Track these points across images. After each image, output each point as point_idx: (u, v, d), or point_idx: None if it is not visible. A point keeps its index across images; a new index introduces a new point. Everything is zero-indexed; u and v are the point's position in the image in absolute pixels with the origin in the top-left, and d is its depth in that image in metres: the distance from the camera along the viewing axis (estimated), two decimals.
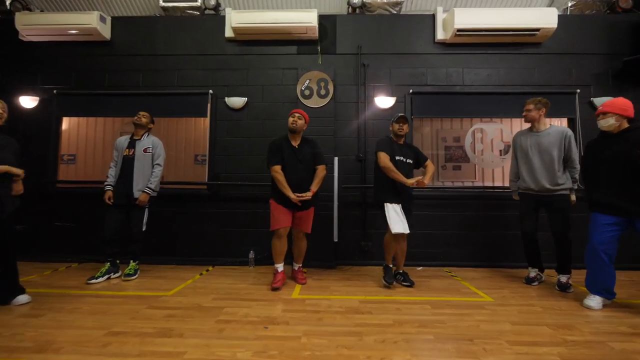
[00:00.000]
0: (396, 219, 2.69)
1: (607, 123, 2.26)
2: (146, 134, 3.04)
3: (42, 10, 4.26)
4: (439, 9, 3.74)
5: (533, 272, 2.91)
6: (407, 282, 2.82)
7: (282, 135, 2.88)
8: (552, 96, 3.68)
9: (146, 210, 3.01)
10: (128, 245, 2.99)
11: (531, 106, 2.82)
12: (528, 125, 2.90)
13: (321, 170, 2.84)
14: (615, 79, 3.68)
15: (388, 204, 2.74)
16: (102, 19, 3.71)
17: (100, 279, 2.82)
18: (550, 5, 4.10)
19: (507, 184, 3.97)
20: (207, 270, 3.30)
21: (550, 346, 1.71)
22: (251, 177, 3.66)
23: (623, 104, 2.25)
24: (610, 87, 3.67)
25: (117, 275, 2.96)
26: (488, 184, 4.35)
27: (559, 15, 3.55)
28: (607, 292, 2.28)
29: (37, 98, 3.78)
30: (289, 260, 2.93)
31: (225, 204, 3.67)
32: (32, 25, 3.64)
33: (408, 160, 2.86)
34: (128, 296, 2.47)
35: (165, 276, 3.04)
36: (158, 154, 3.01)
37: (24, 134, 3.68)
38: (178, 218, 3.65)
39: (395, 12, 3.90)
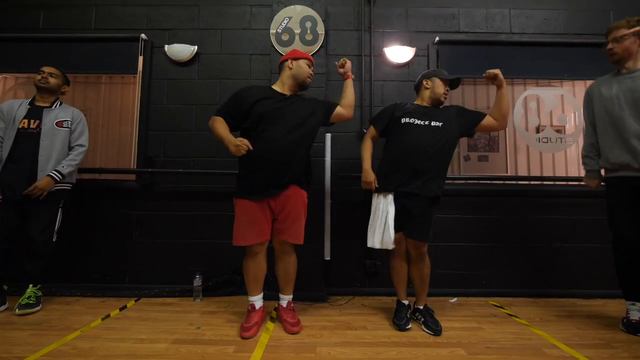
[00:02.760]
0: (374, 224, 1.79)
1: None
2: (58, 102, 2.12)
3: None
4: None
5: (637, 312, 1.78)
6: (429, 328, 1.74)
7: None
8: None
9: (59, 211, 2.04)
10: (25, 261, 1.96)
11: (624, 30, 1.73)
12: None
13: (348, 106, 1.88)
14: None
15: (376, 194, 1.84)
16: None
17: None
18: None
19: (574, 173, 2.87)
20: (122, 308, 2.06)
21: None
22: (202, 163, 2.46)
23: None
24: None
25: (3, 307, 1.96)
26: (523, 174, 3.21)
27: None
28: None
29: None
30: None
31: (161, 203, 2.45)
32: None
33: (433, 123, 1.78)
34: None
35: (44, 321, 1.81)
36: (81, 132, 2.12)
37: None
38: (88, 223, 2.41)
39: None
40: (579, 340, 1.67)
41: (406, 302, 1.87)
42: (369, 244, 1.81)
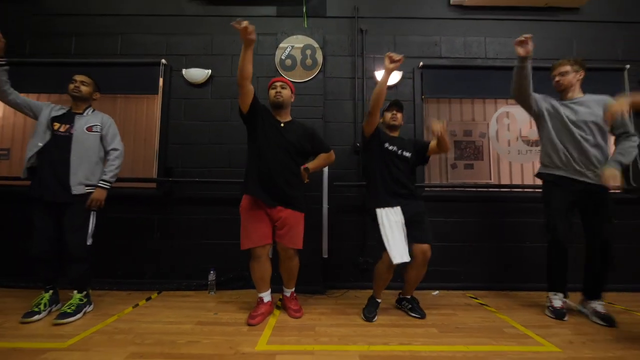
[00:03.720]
0: (395, 239, 1.92)
1: None
2: (90, 109, 2.21)
3: None
4: None
5: (558, 300, 2.11)
6: (416, 312, 2.08)
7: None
8: (593, 73, 2.94)
9: (92, 215, 2.10)
10: (66, 267, 2.04)
11: (567, 67, 2.10)
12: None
13: (329, 155, 2.20)
14: None
15: (380, 210, 2.02)
16: None
17: (44, 314, 1.97)
18: None
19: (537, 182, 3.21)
20: (148, 299, 2.39)
21: None
22: (215, 173, 2.79)
23: None
24: None
25: (57, 307, 2.09)
26: (505, 182, 3.56)
27: None
28: None
29: None
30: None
31: (179, 208, 2.79)
32: None
33: (405, 154, 2.13)
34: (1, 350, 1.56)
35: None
36: (113, 135, 2.18)
37: None
38: (113, 226, 2.74)
39: None
40: (535, 322, 2.00)
41: (379, 301, 2.13)
42: (399, 260, 1.86)
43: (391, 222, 1.96)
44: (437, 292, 2.64)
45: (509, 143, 3.08)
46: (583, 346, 1.69)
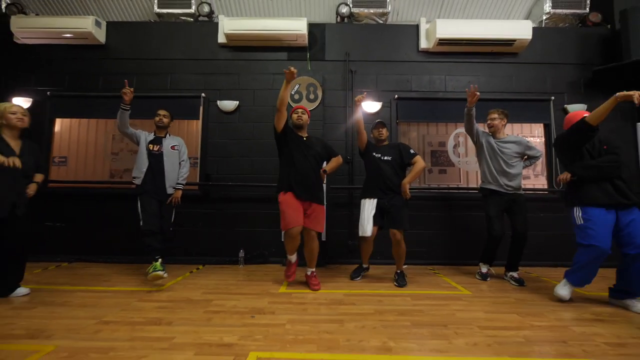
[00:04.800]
0: (363, 220, 2.78)
1: None
2: (168, 134, 3.05)
3: (37, 14, 4.33)
4: (423, 20, 3.94)
5: (485, 267, 3.07)
6: (399, 282, 2.80)
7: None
8: (528, 103, 3.93)
9: (173, 209, 2.99)
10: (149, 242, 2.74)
11: (495, 115, 3.02)
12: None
13: (338, 158, 2.89)
14: (586, 87, 3.92)
15: (363, 200, 2.89)
16: (98, 24, 3.82)
17: (166, 274, 2.70)
18: (527, 18, 4.35)
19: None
20: (197, 269, 3.36)
21: (517, 330, 1.83)
22: (242, 178, 3.75)
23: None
24: (582, 95, 3.90)
25: (166, 275, 2.74)
26: (473, 185, 4.51)
27: (533, 28, 3.79)
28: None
29: (31, 99, 3.84)
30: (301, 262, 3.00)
31: (215, 205, 3.75)
32: (27, 29, 3.72)
33: (385, 158, 2.90)
34: (118, 291, 2.53)
35: None
36: (184, 152, 3.07)
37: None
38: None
39: (381, 22, 4.10)
40: (465, 281, 2.94)
41: (365, 266, 3.04)
42: (360, 234, 2.77)
43: (366, 209, 2.85)
44: (406, 265, 3.57)
45: (460, 155, 4.03)
46: (489, 291, 2.64)
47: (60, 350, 1.54)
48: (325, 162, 2.93)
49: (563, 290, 2.36)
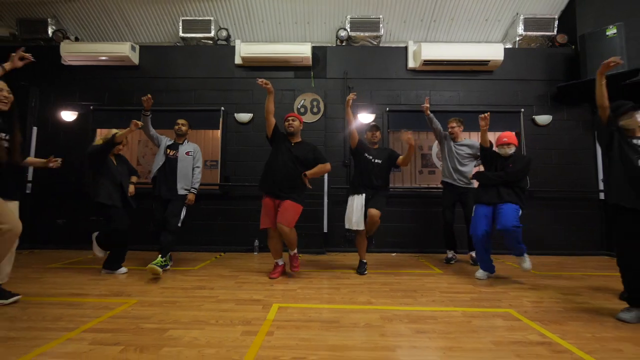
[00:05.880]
0: (351, 213, 3.07)
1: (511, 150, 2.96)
2: (186, 140, 3.41)
3: (77, 38, 5.01)
4: (410, 42, 4.57)
5: (451, 253, 3.71)
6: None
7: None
8: (501, 114, 4.56)
9: (184, 208, 3.24)
10: (160, 236, 3.05)
11: (454, 123, 3.65)
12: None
13: (325, 165, 2.99)
14: (553, 101, 4.54)
15: (352, 197, 3.18)
16: (133, 48, 4.49)
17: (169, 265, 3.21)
18: (504, 38, 4.96)
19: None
20: (220, 255, 4.04)
21: (468, 294, 2.49)
22: (256, 180, 4.37)
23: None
24: (548, 107, 4.52)
25: (171, 263, 3.28)
26: None
27: (505, 49, 4.41)
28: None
29: (76, 113, 4.52)
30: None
31: (233, 202, 4.42)
32: (74, 53, 4.39)
33: (376, 161, 3.21)
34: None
35: (186, 259, 3.78)
36: (198, 158, 3.39)
37: (65, 144, 4.41)
38: (194, 213, 4.37)
39: (375, 44, 4.73)
40: (440, 265, 3.59)
41: (365, 261, 3.63)
42: (347, 226, 3.17)
43: (355, 203, 3.32)
44: (394, 254, 4.24)
45: (440, 159, 4.66)
46: (451, 270, 3.30)
47: (142, 303, 2.21)
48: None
49: (479, 273, 2.96)
